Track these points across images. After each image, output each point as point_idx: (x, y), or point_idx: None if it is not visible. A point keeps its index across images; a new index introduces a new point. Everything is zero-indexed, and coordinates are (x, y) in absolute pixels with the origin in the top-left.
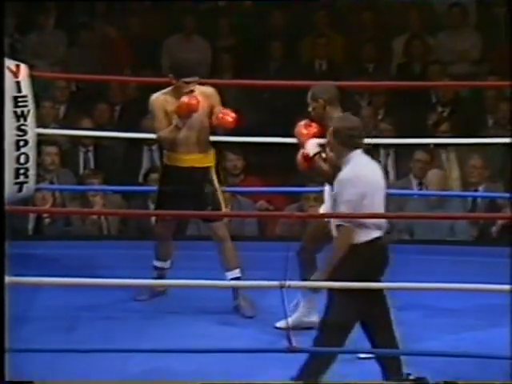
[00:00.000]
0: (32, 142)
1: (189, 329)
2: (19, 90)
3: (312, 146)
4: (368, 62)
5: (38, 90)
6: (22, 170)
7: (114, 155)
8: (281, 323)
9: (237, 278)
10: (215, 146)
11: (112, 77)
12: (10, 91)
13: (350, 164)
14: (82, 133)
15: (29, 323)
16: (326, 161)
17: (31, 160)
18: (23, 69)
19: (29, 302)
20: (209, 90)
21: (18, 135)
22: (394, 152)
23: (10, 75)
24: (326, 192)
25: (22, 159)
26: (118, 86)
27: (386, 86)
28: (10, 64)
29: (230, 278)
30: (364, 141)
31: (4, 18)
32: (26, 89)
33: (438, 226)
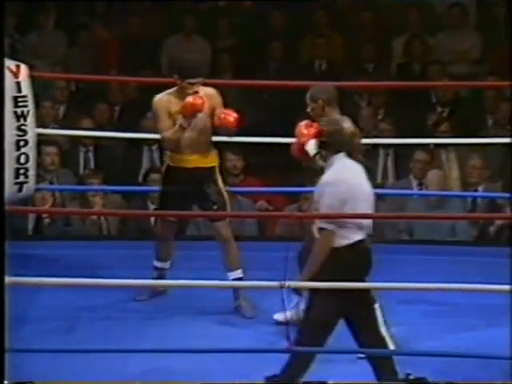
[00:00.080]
0: (32, 142)
1: (189, 329)
2: (19, 90)
3: (312, 146)
4: (368, 62)
5: (37, 90)
6: (22, 170)
7: (114, 155)
8: (279, 315)
9: (239, 279)
10: (215, 146)
11: (112, 77)
12: (10, 91)
13: (333, 167)
14: (82, 133)
15: (29, 323)
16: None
17: (31, 160)
18: (23, 69)
19: (29, 302)
20: (211, 90)
21: (18, 135)
22: (394, 152)
23: (10, 75)
24: None
25: (22, 159)
26: (117, 86)
27: (385, 86)
28: (10, 64)
29: (232, 278)
30: (347, 144)
31: (4, 17)
32: (26, 89)
33: (438, 226)
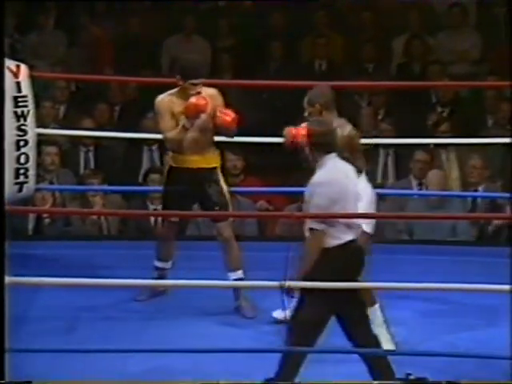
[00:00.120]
0: (32, 142)
1: (189, 329)
2: (19, 90)
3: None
4: (368, 62)
5: (38, 90)
6: (22, 170)
7: (114, 155)
8: (278, 313)
9: (240, 280)
10: (216, 146)
11: (112, 77)
12: (10, 91)
13: (323, 168)
14: (82, 133)
15: (29, 323)
16: None
17: (31, 160)
18: (23, 69)
19: (29, 302)
20: (212, 91)
21: (18, 135)
22: (394, 152)
23: (11, 75)
24: None
25: (22, 159)
26: (117, 86)
27: (385, 86)
28: (11, 64)
29: (232, 278)
30: (336, 144)
31: (4, 17)
32: (26, 89)
33: (438, 227)
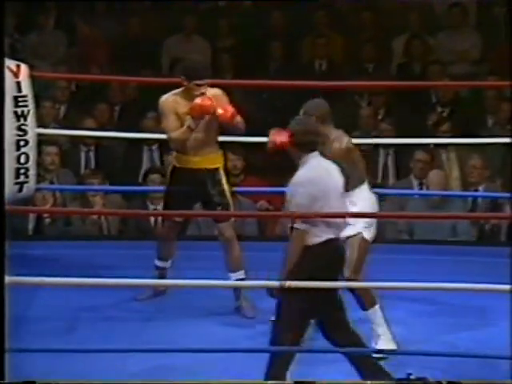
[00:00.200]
0: (32, 142)
1: (189, 329)
2: (19, 90)
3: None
4: (368, 62)
5: (38, 89)
6: (22, 170)
7: (115, 155)
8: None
9: (241, 280)
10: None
11: (112, 77)
12: (11, 91)
13: (305, 167)
14: (82, 133)
15: (29, 323)
16: None
17: (31, 160)
18: (23, 69)
19: (29, 302)
20: (216, 91)
21: (19, 135)
22: (394, 152)
23: (11, 75)
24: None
25: (23, 159)
26: (117, 86)
27: (385, 86)
28: (11, 64)
29: (233, 279)
30: (317, 143)
31: (4, 17)
32: (27, 89)
33: (438, 227)
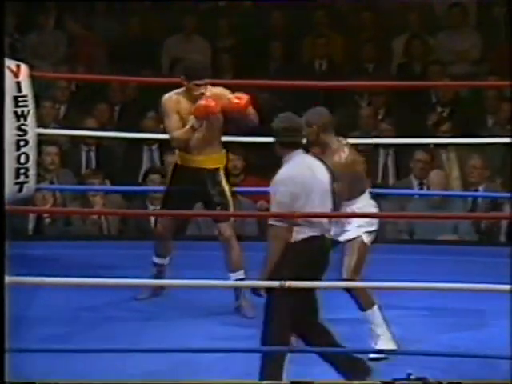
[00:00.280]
0: (32, 142)
1: (189, 329)
2: (19, 90)
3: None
4: (368, 62)
5: (38, 90)
6: (22, 170)
7: (115, 155)
8: None
9: (241, 280)
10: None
11: (112, 77)
12: (11, 91)
13: (288, 164)
14: (82, 133)
15: (29, 323)
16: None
17: (31, 160)
18: (23, 69)
19: (29, 302)
20: (218, 90)
21: (19, 135)
22: (395, 152)
23: (11, 75)
24: None
25: (23, 159)
26: (117, 85)
27: (385, 86)
28: (11, 64)
29: (234, 279)
30: (303, 140)
31: (4, 17)
32: (27, 89)
33: (439, 227)
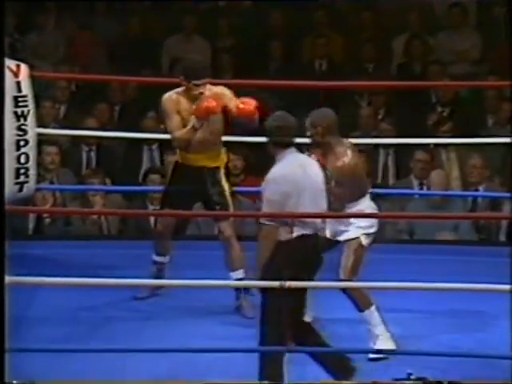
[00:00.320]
0: (32, 142)
1: (189, 329)
2: (19, 90)
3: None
4: (368, 62)
5: (38, 90)
6: (22, 170)
7: (115, 155)
8: None
9: (241, 279)
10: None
11: (112, 77)
12: (11, 91)
13: (281, 163)
14: (82, 133)
15: (29, 323)
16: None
17: (31, 160)
18: (23, 69)
19: (29, 302)
20: (218, 89)
21: (19, 135)
22: (395, 152)
23: (11, 75)
24: None
25: (23, 159)
26: (117, 85)
27: (386, 86)
28: (11, 64)
29: (234, 278)
30: (295, 139)
31: (4, 17)
32: (27, 89)
33: (439, 227)
